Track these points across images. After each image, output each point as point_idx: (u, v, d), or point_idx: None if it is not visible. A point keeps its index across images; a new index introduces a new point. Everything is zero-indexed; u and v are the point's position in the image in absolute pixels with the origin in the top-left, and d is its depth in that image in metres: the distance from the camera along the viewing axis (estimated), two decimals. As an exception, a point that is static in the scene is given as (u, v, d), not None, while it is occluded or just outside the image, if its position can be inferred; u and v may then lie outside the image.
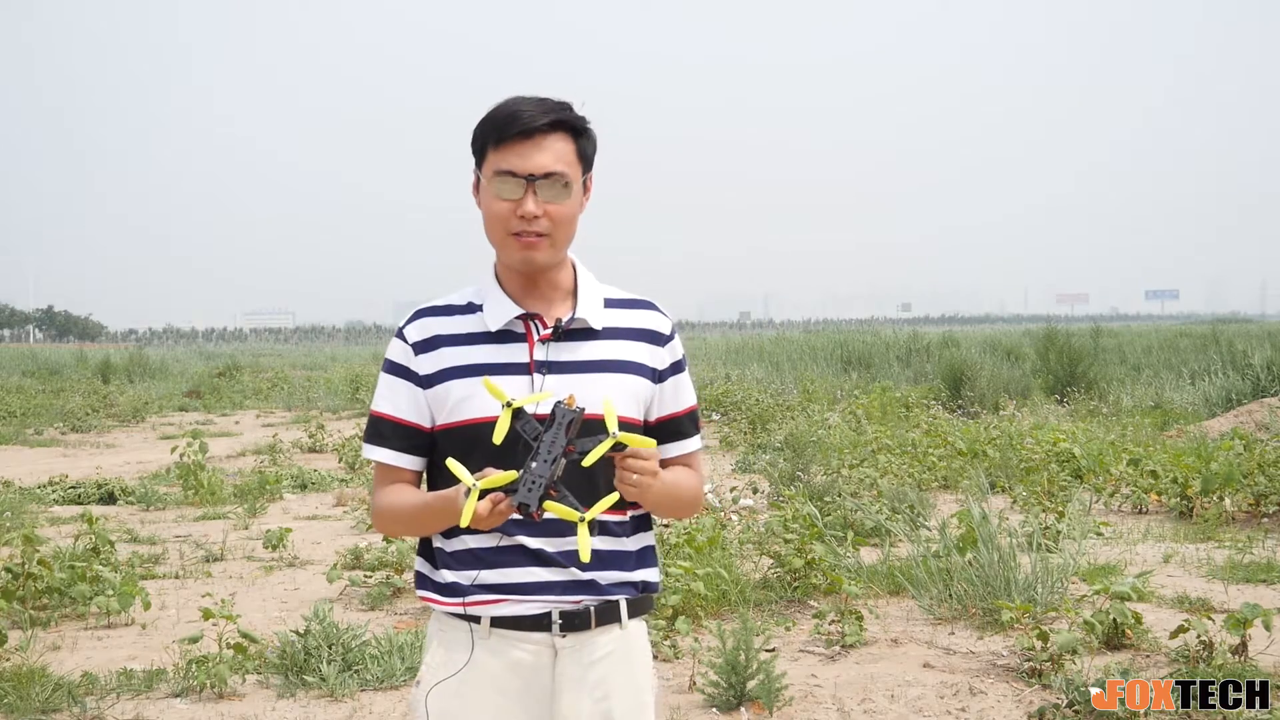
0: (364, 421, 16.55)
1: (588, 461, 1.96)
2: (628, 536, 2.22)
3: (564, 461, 1.95)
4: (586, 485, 2.05)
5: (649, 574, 2.25)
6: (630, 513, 2.22)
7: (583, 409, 1.99)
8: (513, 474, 1.93)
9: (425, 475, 2.28)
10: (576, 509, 1.94)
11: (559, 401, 2.00)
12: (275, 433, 16.19)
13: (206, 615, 5.45)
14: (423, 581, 2.24)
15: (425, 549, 2.24)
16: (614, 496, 1.99)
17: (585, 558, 1.94)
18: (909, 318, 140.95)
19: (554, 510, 1.92)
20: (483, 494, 1.95)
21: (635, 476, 2.01)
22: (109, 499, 11.01)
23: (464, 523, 1.94)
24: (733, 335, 55.32)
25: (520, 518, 2.08)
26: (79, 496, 11.06)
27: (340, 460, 13.46)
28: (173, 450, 11.52)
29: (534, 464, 1.92)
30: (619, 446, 2.00)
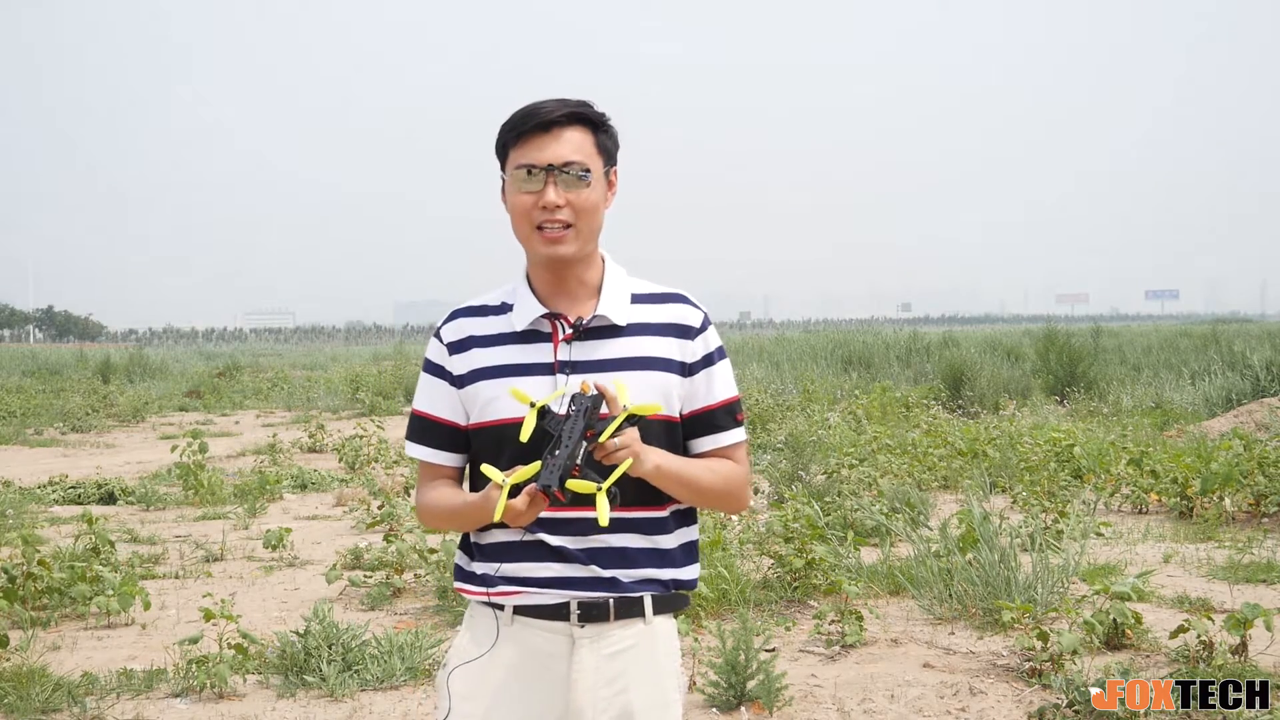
0: (363, 421, 16.58)
1: (604, 437, 2.02)
2: (665, 534, 2.22)
3: (585, 444, 2.00)
4: (608, 469, 2.07)
5: (682, 572, 2.24)
6: (670, 508, 2.23)
7: (598, 395, 2.04)
8: (537, 465, 2.00)
9: (469, 471, 2.32)
10: (595, 481, 2.00)
11: (575, 393, 2.05)
12: (275, 433, 16.18)
13: (207, 615, 5.45)
14: (459, 573, 2.31)
15: (465, 543, 2.31)
16: (628, 463, 2.03)
17: (604, 522, 1.99)
18: (909, 318, 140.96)
19: (575, 487, 1.98)
20: (515, 490, 2.02)
21: (618, 452, 2.04)
22: (109, 499, 11.01)
23: (496, 518, 2.02)
24: (733, 335, 55.28)
25: (550, 515, 2.14)
26: (79, 496, 11.06)
27: (340, 460, 13.46)
28: (173, 450, 11.51)
29: (556, 451, 1.99)
30: (633, 420, 2.06)
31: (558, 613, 2.17)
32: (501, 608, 2.21)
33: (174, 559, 8.27)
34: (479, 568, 2.24)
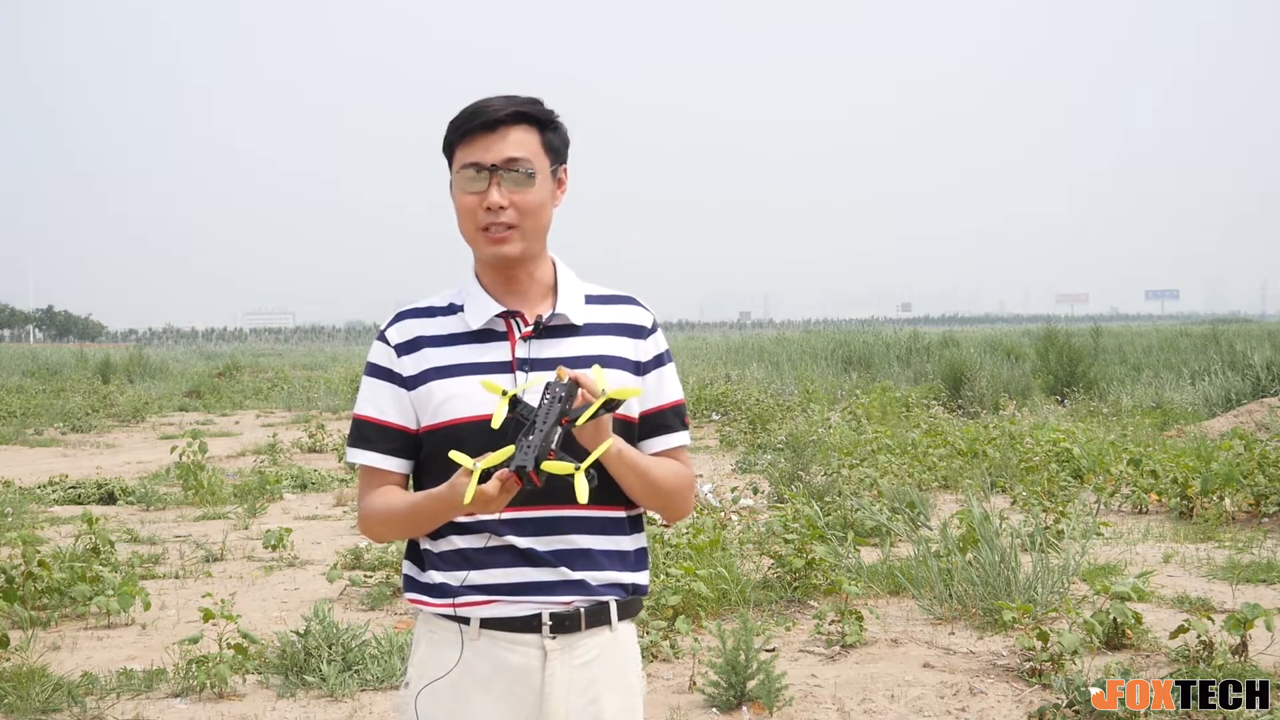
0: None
1: (581, 421, 1.96)
2: (624, 535, 2.21)
3: (560, 429, 1.95)
4: (583, 454, 2.01)
5: (640, 577, 2.24)
6: (626, 511, 2.22)
7: (575, 383, 1.99)
8: (510, 449, 1.93)
9: (412, 479, 2.26)
10: (572, 463, 1.93)
11: (550, 381, 2.01)
12: (275, 433, 16.18)
13: (207, 615, 5.45)
14: (411, 584, 2.24)
15: (413, 551, 2.24)
16: (608, 443, 1.99)
17: (583, 499, 1.91)
18: (909, 318, 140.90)
19: (551, 468, 1.91)
20: (485, 477, 1.94)
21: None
22: (109, 499, 11.01)
23: (467, 500, 1.92)
24: (733, 335, 55.33)
25: (514, 515, 2.09)
26: (79, 496, 11.07)
27: (340, 460, 13.46)
28: (173, 450, 11.52)
29: (530, 436, 1.92)
30: (611, 405, 2.00)
31: (528, 625, 2.13)
32: (467, 621, 2.15)
33: (174, 559, 8.27)
34: (436, 576, 2.17)
